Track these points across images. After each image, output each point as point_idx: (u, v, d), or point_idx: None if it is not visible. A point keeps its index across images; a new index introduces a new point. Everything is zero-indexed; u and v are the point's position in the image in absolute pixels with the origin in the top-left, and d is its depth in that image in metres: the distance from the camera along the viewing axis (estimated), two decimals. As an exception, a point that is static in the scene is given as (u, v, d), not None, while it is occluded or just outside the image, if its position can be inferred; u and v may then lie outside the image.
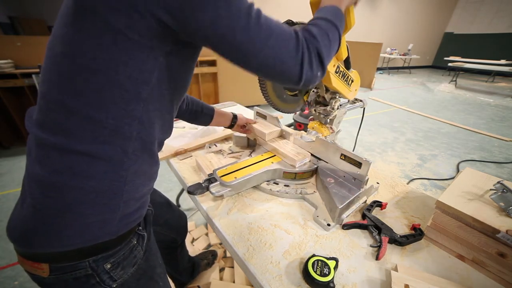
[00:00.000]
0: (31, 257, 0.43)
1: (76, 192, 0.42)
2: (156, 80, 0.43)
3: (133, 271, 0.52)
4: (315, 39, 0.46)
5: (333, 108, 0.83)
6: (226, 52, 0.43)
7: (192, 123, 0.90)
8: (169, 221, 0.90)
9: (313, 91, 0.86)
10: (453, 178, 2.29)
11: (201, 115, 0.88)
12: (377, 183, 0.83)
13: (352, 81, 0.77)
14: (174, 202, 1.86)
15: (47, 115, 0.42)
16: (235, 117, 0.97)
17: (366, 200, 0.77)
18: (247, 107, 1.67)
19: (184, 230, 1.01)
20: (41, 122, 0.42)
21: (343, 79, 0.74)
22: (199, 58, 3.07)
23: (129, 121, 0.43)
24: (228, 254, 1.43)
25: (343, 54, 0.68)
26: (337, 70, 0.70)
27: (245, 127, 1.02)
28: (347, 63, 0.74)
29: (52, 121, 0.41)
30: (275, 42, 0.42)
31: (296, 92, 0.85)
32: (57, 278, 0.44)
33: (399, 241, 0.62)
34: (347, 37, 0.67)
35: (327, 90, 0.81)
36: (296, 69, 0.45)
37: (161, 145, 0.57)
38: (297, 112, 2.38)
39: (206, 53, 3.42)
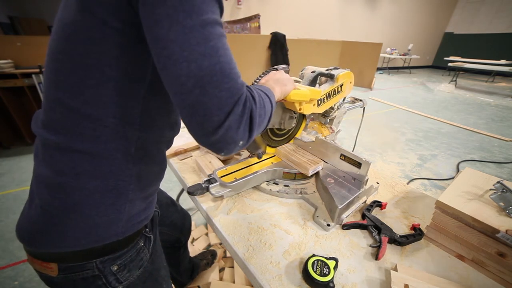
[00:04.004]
0: (39, 256, 0.44)
1: (80, 192, 0.41)
2: (152, 75, 0.41)
3: (139, 274, 0.51)
4: (254, 102, 0.38)
5: (332, 108, 0.83)
6: (152, 44, 0.34)
7: None
8: (175, 222, 0.90)
9: None
10: (453, 178, 2.29)
11: None
12: (377, 183, 0.84)
13: (342, 85, 0.76)
14: (174, 202, 1.86)
15: (49, 115, 0.41)
16: None
17: (366, 200, 0.77)
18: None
19: (188, 230, 1.01)
20: (45, 122, 0.42)
21: (330, 98, 0.73)
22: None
23: (130, 119, 0.42)
24: (228, 254, 1.43)
25: (316, 96, 0.67)
26: (319, 103, 0.70)
27: None
28: (329, 76, 0.73)
29: (54, 121, 0.41)
30: (210, 68, 0.33)
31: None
32: (65, 278, 0.44)
33: (399, 241, 0.62)
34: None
35: None
36: (219, 115, 0.35)
37: (169, 143, 0.56)
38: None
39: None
